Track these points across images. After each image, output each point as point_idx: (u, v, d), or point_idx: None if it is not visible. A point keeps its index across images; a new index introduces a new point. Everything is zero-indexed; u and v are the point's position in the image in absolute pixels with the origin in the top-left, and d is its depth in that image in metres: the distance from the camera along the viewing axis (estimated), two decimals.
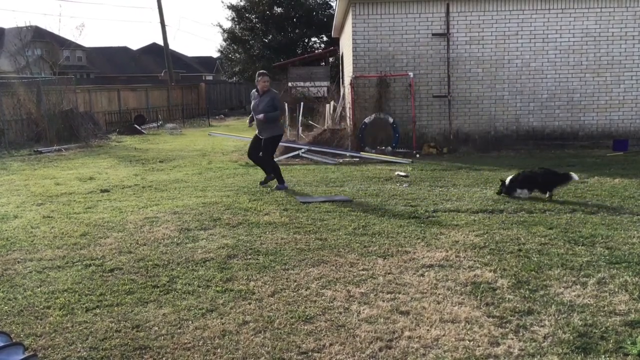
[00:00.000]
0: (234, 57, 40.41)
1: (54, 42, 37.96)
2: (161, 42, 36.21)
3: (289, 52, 34.55)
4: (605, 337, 3.45)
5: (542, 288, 4.25)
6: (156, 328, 3.74)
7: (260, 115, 8.55)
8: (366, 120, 12.89)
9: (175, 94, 32.23)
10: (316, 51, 34.81)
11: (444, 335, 3.54)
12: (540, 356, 3.26)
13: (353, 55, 13.28)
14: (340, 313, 3.91)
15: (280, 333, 3.63)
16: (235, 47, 39.61)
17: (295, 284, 4.49)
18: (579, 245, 5.29)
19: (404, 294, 4.23)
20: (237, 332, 3.65)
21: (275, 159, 12.07)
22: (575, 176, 7.51)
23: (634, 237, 5.53)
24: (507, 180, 7.64)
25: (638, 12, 13.00)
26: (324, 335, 3.58)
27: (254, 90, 9.02)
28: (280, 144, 13.22)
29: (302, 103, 16.48)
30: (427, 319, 3.78)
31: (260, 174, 10.23)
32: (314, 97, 19.41)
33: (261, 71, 9.03)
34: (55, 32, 45.58)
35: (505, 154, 12.57)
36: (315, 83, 21.81)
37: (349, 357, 3.32)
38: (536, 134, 13.41)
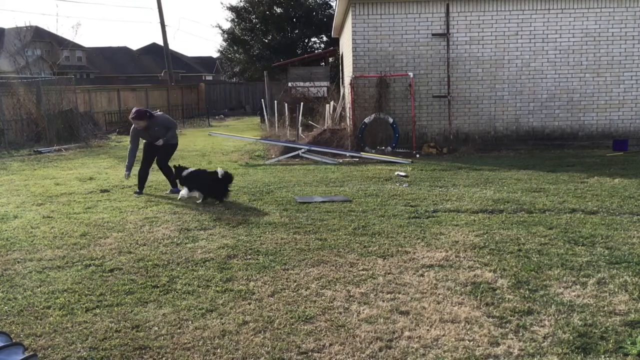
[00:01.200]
0: (234, 58, 40.47)
1: (54, 42, 37.97)
2: (161, 42, 36.21)
3: (289, 52, 34.58)
4: (605, 337, 3.45)
5: (542, 288, 4.25)
6: (156, 328, 3.74)
7: (160, 142, 8.38)
8: (366, 120, 12.90)
9: (175, 94, 32.22)
10: (316, 51, 34.85)
11: (443, 335, 3.54)
12: (540, 356, 3.26)
13: (353, 56, 13.29)
14: (340, 313, 3.91)
15: (280, 333, 3.63)
16: (235, 48, 39.66)
17: (295, 284, 4.49)
18: (578, 246, 5.29)
19: (403, 294, 4.23)
20: (237, 332, 3.65)
21: (275, 159, 12.14)
22: (220, 172, 7.60)
23: (633, 237, 5.53)
24: (186, 173, 7.78)
25: (638, 12, 13.00)
26: (323, 336, 3.58)
27: (134, 127, 8.46)
28: (281, 143, 13.26)
29: (302, 103, 16.47)
30: (427, 319, 3.78)
31: (260, 174, 10.23)
32: (314, 97, 19.41)
33: (132, 116, 8.37)
34: (54, 32, 45.56)
35: (505, 154, 12.57)
36: (315, 83, 21.82)
37: (348, 357, 3.32)
38: (536, 134, 13.42)
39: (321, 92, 21.16)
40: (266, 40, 36.81)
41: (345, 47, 16.45)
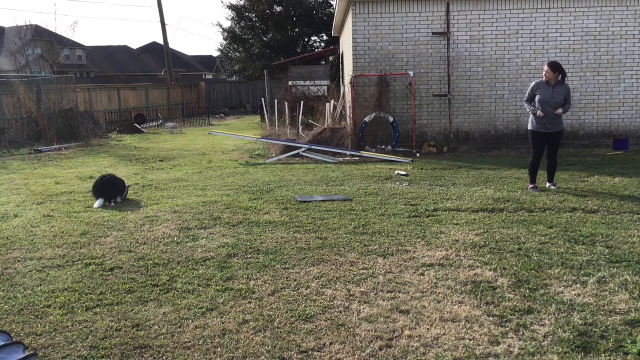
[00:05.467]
0: (234, 56, 40.48)
1: (54, 40, 37.96)
2: (161, 41, 36.21)
3: (289, 51, 34.56)
4: (605, 336, 3.45)
5: (542, 287, 4.25)
6: (156, 327, 3.74)
7: (559, 110, 7.98)
8: (366, 119, 12.89)
9: (175, 92, 32.21)
10: (316, 50, 34.83)
11: (444, 334, 3.54)
12: (540, 355, 3.26)
13: (353, 54, 13.28)
14: (341, 312, 3.91)
15: (280, 332, 3.63)
16: (235, 46, 39.66)
17: (296, 282, 4.49)
18: (579, 244, 5.29)
19: (404, 292, 4.23)
20: (237, 331, 3.65)
21: (275, 158, 12.12)
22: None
23: (634, 236, 5.53)
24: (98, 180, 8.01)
25: (638, 11, 12.99)
26: (324, 334, 3.58)
27: (539, 82, 8.27)
28: (281, 142, 13.26)
29: (302, 102, 16.47)
30: (427, 317, 3.78)
31: (260, 173, 10.22)
32: (314, 96, 19.39)
33: (552, 65, 8.24)
34: (53, 30, 45.52)
35: (506, 152, 12.56)
36: (316, 82, 21.80)
37: (349, 356, 3.32)
38: None
39: (321, 90, 21.15)
40: (266, 39, 36.80)
41: (346, 45, 16.44)
